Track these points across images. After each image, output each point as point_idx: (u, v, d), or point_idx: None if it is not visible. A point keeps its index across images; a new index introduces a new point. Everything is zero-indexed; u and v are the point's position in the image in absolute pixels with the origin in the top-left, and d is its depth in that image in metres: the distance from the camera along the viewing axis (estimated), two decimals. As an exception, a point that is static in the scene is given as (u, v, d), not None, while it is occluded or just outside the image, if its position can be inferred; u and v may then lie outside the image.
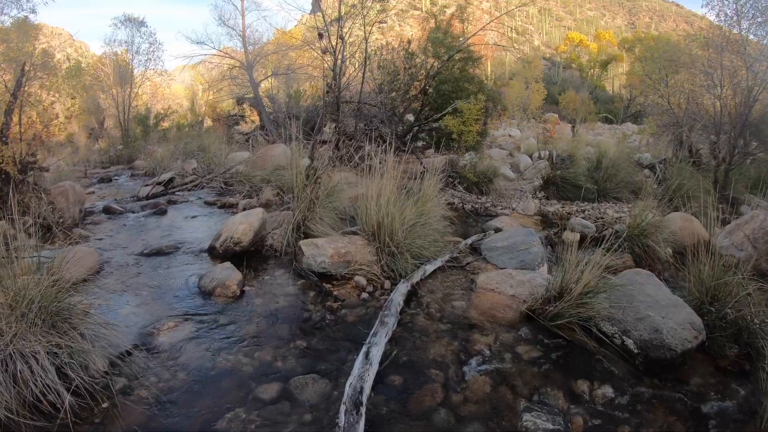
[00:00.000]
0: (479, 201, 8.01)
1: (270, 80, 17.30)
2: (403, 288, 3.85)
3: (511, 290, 3.92)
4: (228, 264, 4.28)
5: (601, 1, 62.09)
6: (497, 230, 6.03)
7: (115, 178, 10.66)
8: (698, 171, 8.73)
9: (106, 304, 3.48)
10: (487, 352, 3.22)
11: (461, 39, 11.01)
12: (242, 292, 3.98)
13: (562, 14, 58.08)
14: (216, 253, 4.73)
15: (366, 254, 4.40)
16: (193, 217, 6.61)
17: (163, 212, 6.75)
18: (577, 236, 6.07)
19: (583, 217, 7.30)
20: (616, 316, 3.38)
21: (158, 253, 4.91)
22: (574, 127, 18.05)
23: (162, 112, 17.28)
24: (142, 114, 16.47)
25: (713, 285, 3.80)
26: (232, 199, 7.57)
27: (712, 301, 3.76)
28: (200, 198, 7.90)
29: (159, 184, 8.58)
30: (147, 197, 7.75)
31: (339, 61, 10.15)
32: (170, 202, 7.49)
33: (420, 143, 12.40)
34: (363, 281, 4.22)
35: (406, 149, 11.60)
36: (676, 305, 3.55)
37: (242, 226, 5.00)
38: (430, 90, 11.41)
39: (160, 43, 16.34)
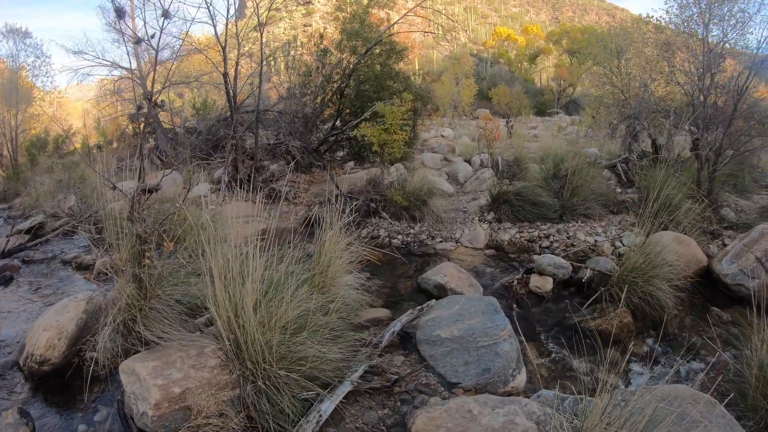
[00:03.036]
0: (412, 231, 6.18)
1: (169, 92, 14.98)
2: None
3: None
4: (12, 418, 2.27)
5: (525, -3, 63.60)
6: (439, 290, 4.18)
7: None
8: (665, 168, 7.37)
9: None
10: None
11: (381, 29, 9.25)
12: None
13: (487, 11, 58.63)
14: (24, 373, 3.11)
15: (219, 392, 2.40)
16: (37, 289, 4.54)
17: (6, 281, 4.68)
18: (549, 282, 4.36)
19: (548, 246, 5.63)
20: None
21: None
22: (508, 122, 17.10)
23: (63, 134, 14.68)
24: (41, 138, 13.81)
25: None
26: (89, 257, 5.43)
27: None
28: (64, 252, 5.77)
29: (21, 232, 6.15)
30: (3, 254, 5.38)
31: (236, 64, 8.15)
32: (25, 262, 5.43)
33: (340, 155, 10.54)
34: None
35: (321, 165, 9.72)
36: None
37: (47, 333, 3.06)
38: (348, 91, 9.58)
39: (47, 56, 13.80)
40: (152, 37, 3.16)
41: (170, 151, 10.54)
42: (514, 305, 4.18)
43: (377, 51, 9.20)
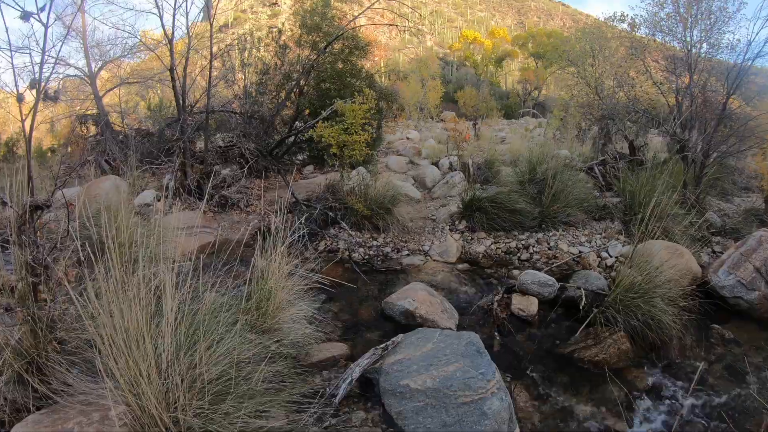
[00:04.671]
0: (375, 243, 5.54)
1: (119, 91, 13.88)
2: None
3: None
4: None
5: (490, 2, 64.00)
6: (407, 317, 3.54)
7: None
8: (650, 171, 7.02)
9: None
10: None
11: (344, 23, 8.61)
12: None
13: (453, 15, 58.80)
14: None
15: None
16: None
17: None
18: (534, 303, 3.79)
19: (528, 258, 5.08)
20: None
21: None
22: (475, 124, 16.80)
23: (14, 137, 13.45)
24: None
25: None
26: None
27: None
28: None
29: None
30: None
31: (185, 59, 7.33)
32: None
33: (300, 159, 9.82)
34: None
35: (277, 169, 8.98)
36: None
37: None
38: (308, 89, 8.87)
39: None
40: (42, 9, 2.40)
41: (119, 156, 9.58)
42: (496, 333, 3.58)
43: (339, 47, 8.56)
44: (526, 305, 3.82)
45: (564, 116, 14.32)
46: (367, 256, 5.27)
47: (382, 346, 2.77)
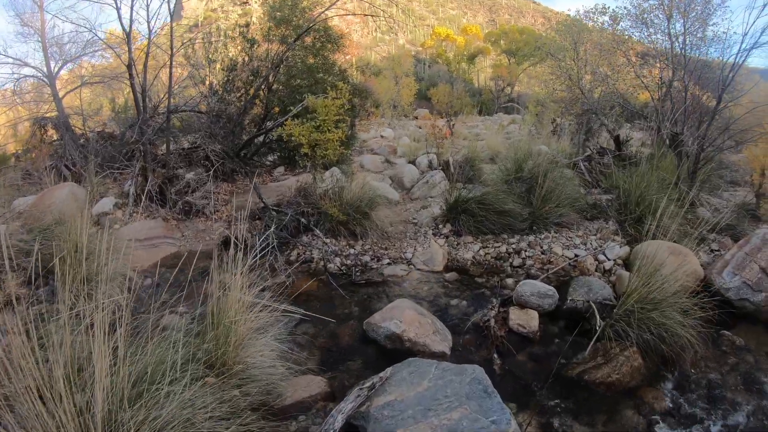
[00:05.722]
0: (352, 251, 5.09)
1: (80, 92, 13.04)
2: None
3: None
4: None
5: (462, 0, 64.23)
6: (394, 342, 3.10)
7: None
8: (634, 165, 6.80)
9: None
10: None
11: (314, 14, 8.13)
12: None
13: (425, 14, 58.80)
14: None
15: None
16: None
17: None
18: (534, 318, 3.40)
19: (521, 264, 4.71)
20: None
21: None
22: (449, 121, 16.56)
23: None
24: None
25: None
26: None
27: None
28: None
29: None
30: None
31: (146, 55, 6.75)
32: None
33: (271, 160, 9.31)
34: None
35: (244, 172, 8.44)
36: None
37: None
38: (277, 86, 8.36)
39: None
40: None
41: (79, 161, 8.85)
42: (495, 355, 3.18)
43: (310, 40, 8.09)
44: (526, 320, 3.43)
45: (540, 112, 14.18)
46: (344, 267, 4.81)
47: (368, 384, 2.32)
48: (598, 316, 3.22)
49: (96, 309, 1.81)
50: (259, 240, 5.36)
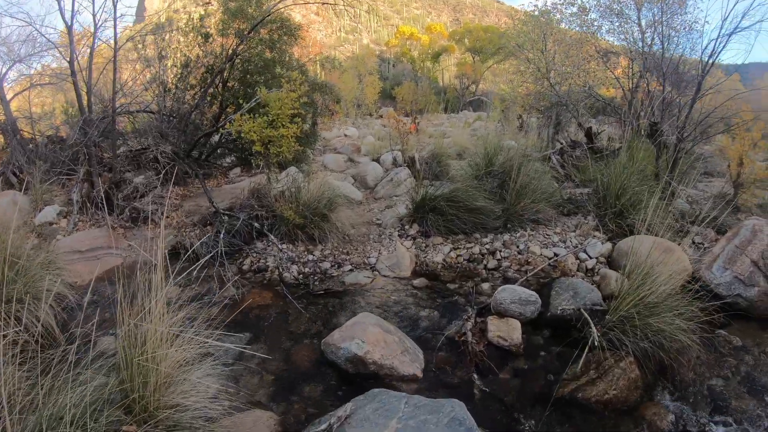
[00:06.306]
0: (311, 258, 4.59)
1: (29, 94, 12.08)
2: None
3: None
4: None
5: (426, 0, 64.34)
6: (356, 365, 2.63)
7: None
8: (605, 158, 6.55)
9: None
10: None
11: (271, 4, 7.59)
12: None
13: (389, 13, 58.62)
14: None
15: None
16: None
17: None
18: (517, 328, 2.98)
19: (497, 267, 4.30)
20: None
21: None
22: (415, 119, 16.31)
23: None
24: None
25: None
26: None
27: None
28: None
29: None
30: None
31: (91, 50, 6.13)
32: None
33: (228, 161, 8.73)
34: None
35: (194, 174, 7.82)
36: None
37: None
38: (233, 82, 7.78)
39: None
40: None
41: (25, 167, 8.07)
42: (474, 375, 2.73)
43: (267, 33, 7.55)
44: (507, 332, 3.00)
45: (506, 108, 14.03)
46: (301, 275, 4.30)
47: (323, 427, 1.82)
48: (594, 329, 2.81)
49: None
50: (206, 248, 4.85)
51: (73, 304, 3.42)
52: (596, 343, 2.77)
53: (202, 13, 8.53)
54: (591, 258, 4.37)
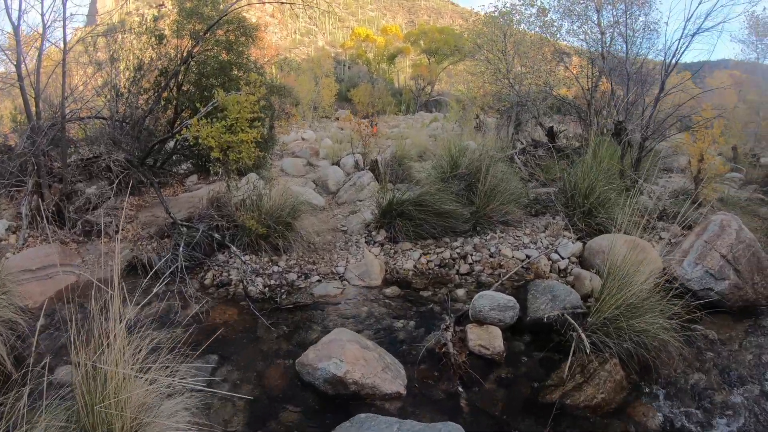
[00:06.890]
0: (276, 269, 4.38)
1: None
2: None
3: None
4: None
5: (381, 2, 64.87)
6: (335, 386, 2.48)
7: None
8: (563, 157, 6.64)
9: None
10: None
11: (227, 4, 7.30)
12: None
13: (344, 15, 58.66)
14: None
15: None
16: None
17: None
18: (498, 336, 2.88)
19: (469, 271, 4.22)
20: None
21: None
22: (371, 121, 16.28)
23: None
24: None
25: None
26: None
27: None
28: None
29: None
30: None
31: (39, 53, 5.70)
32: None
33: (185, 168, 8.34)
34: None
35: (149, 182, 7.42)
36: None
37: None
38: (188, 86, 7.43)
39: None
40: None
41: None
42: (459, 387, 2.60)
43: (223, 34, 7.26)
44: (488, 340, 2.90)
45: (463, 108, 14.14)
46: (267, 288, 4.08)
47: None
48: (582, 334, 2.74)
49: None
50: (164, 263, 4.55)
51: (26, 330, 3.09)
52: (587, 349, 2.71)
53: (156, 14, 8.14)
54: (563, 258, 4.35)
